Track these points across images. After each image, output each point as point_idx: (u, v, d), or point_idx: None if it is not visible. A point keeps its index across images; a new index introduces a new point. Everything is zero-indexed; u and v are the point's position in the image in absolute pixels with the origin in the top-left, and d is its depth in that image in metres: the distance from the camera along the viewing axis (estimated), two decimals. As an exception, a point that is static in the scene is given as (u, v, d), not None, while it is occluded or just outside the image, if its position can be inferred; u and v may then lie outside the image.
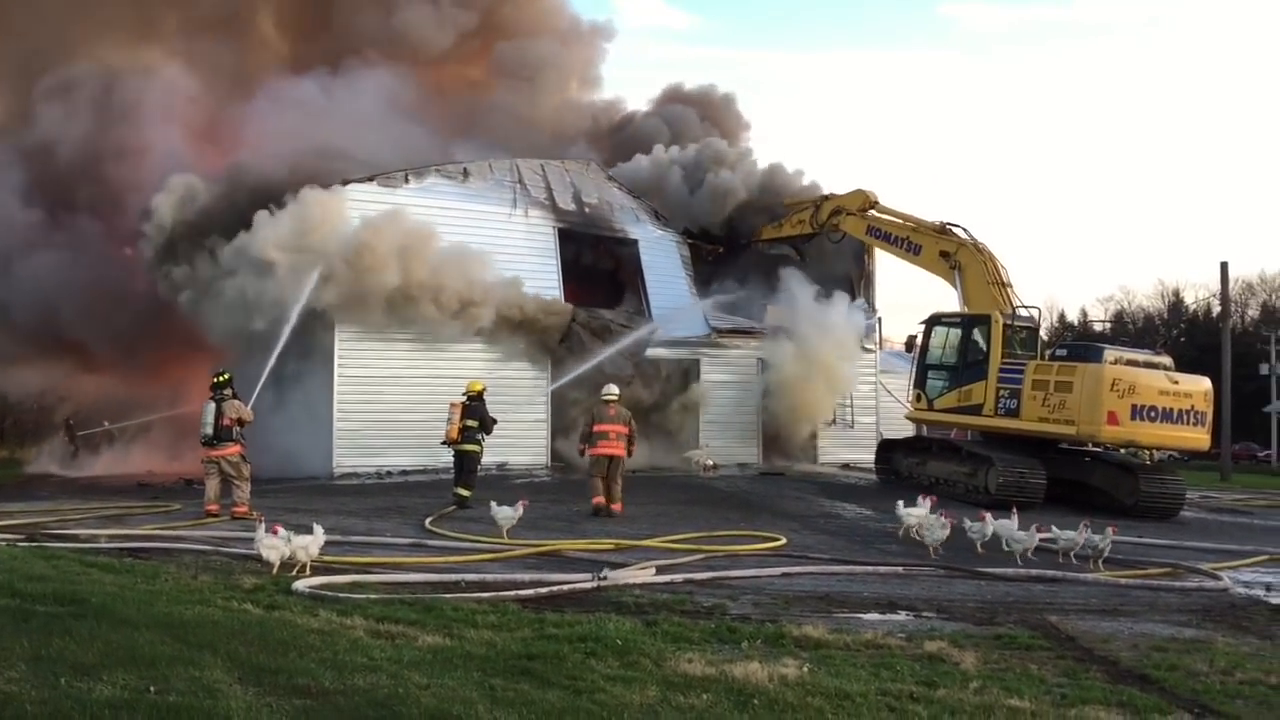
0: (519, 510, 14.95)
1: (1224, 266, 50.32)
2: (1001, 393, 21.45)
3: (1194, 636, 9.60)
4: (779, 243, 29.27)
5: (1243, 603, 11.76)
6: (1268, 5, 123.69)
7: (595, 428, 18.35)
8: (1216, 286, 52.27)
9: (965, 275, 23.26)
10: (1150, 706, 7.00)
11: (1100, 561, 13.83)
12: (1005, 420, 21.37)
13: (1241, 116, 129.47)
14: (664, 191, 29.43)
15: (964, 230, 24.16)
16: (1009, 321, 21.95)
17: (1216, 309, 59.75)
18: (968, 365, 22.36)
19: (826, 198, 27.48)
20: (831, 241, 27.85)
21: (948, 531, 14.56)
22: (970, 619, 10.26)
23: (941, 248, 23.85)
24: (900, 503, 16.33)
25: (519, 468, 23.95)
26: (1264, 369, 61.57)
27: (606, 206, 27.45)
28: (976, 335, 22.39)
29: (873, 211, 26.14)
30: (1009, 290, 22.75)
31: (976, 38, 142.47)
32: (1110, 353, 20.76)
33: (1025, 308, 22.70)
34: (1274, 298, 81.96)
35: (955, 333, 23.01)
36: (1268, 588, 13.01)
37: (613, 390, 19.02)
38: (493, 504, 15.12)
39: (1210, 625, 10.26)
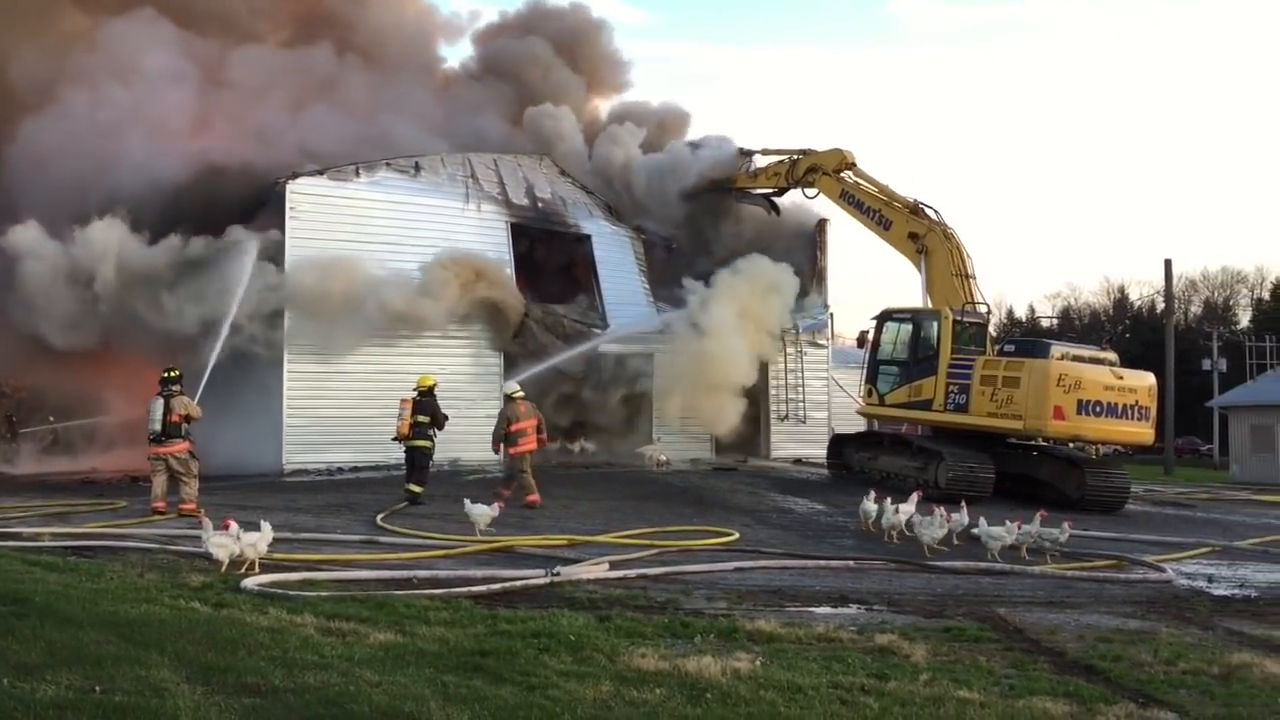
0: (495, 510, 14.88)
1: (1168, 264, 51.38)
2: (951, 388, 21.61)
3: (1138, 628, 9.75)
4: (750, 198, 28.58)
5: (1185, 594, 11.95)
6: (1209, 8, 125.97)
7: (513, 427, 18.48)
8: (1161, 283, 53.26)
9: (930, 261, 23.11)
10: (1096, 696, 7.10)
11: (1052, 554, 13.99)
12: (954, 415, 21.55)
13: (1187, 116, 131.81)
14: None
15: (936, 212, 23.88)
16: (959, 317, 22.11)
17: (1161, 305, 60.81)
18: (918, 361, 22.45)
19: (805, 152, 26.77)
20: (806, 197, 27.18)
21: (945, 530, 14.55)
22: (920, 612, 10.36)
23: (911, 228, 23.59)
24: (871, 496, 16.25)
25: (471, 464, 23.82)
26: (1206, 364, 62.60)
27: (560, 202, 27.35)
28: (927, 330, 22.49)
29: (848, 174, 25.46)
30: (971, 282, 22.71)
31: (925, 36, 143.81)
32: (1057, 348, 21.07)
33: (979, 304, 22.82)
34: (1216, 294, 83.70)
35: (906, 328, 23.08)
36: (1210, 579, 13.24)
37: (517, 387, 19.19)
38: (466, 501, 15.04)
39: (1154, 616, 10.41)
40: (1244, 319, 79.31)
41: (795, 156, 26.92)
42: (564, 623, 8.81)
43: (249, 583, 10.20)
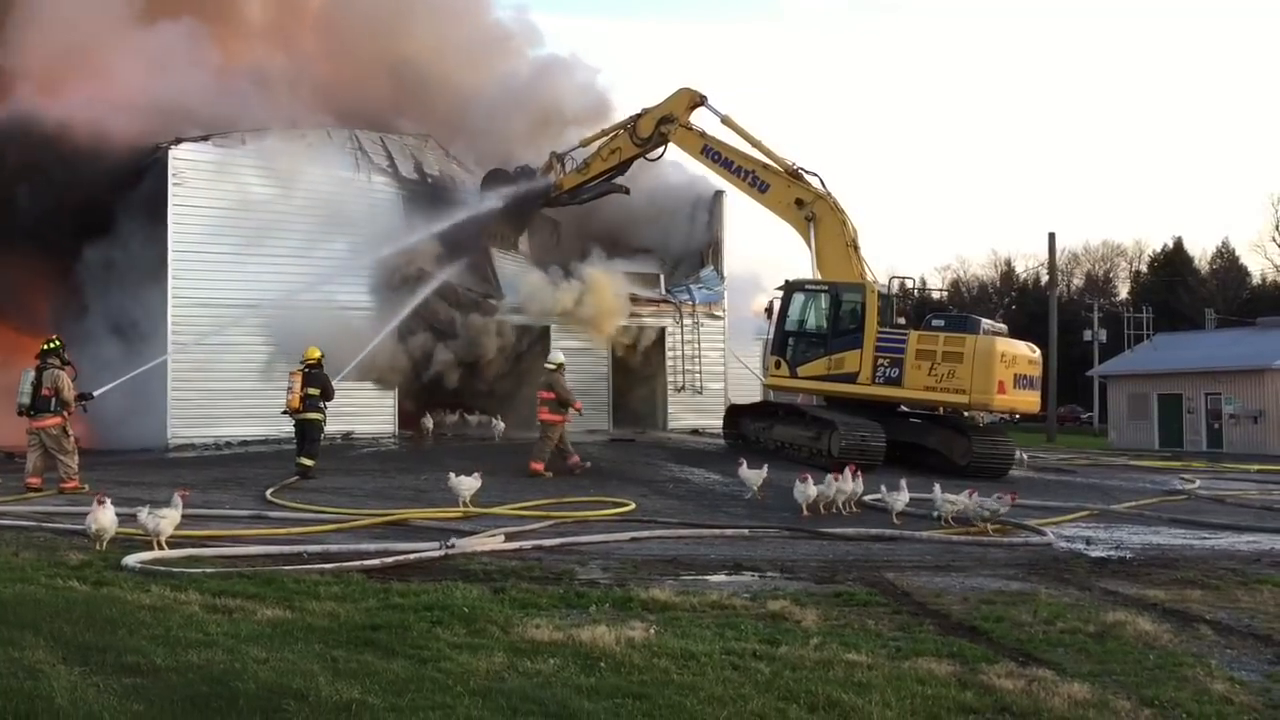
0: (477, 480, 14.65)
1: (1051, 237, 52.90)
2: (880, 361, 21.41)
3: (1019, 589, 10.03)
4: (594, 191, 26.14)
5: (1064, 556, 12.34)
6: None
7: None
8: (1045, 256, 54.75)
9: (820, 229, 22.49)
10: (978, 656, 7.29)
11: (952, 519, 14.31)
12: (886, 389, 21.40)
13: (1071, 93, 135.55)
14: None
15: (819, 179, 22.97)
16: (883, 290, 22.06)
17: (1045, 278, 62.56)
18: (839, 333, 22.06)
19: (640, 114, 24.55)
20: (649, 160, 25.20)
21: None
22: (812, 578, 10.51)
23: (796, 195, 22.83)
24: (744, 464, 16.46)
25: (365, 436, 23.49)
26: (1087, 335, 64.72)
27: (449, 180, 27.06)
28: (848, 303, 22.08)
29: (706, 127, 23.60)
30: (858, 253, 22.52)
31: (810, 14, 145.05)
32: (984, 324, 21.60)
33: (902, 278, 23.09)
34: (1097, 267, 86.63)
35: (821, 299, 22.53)
36: (1087, 542, 13.68)
37: (554, 358, 19.89)
38: (451, 475, 14.78)
39: (1035, 578, 10.72)
40: (1123, 291, 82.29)
41: (633, 120, 24.77)
42: (458, 595, 8.74)
43: (131, 560, 9.89)
